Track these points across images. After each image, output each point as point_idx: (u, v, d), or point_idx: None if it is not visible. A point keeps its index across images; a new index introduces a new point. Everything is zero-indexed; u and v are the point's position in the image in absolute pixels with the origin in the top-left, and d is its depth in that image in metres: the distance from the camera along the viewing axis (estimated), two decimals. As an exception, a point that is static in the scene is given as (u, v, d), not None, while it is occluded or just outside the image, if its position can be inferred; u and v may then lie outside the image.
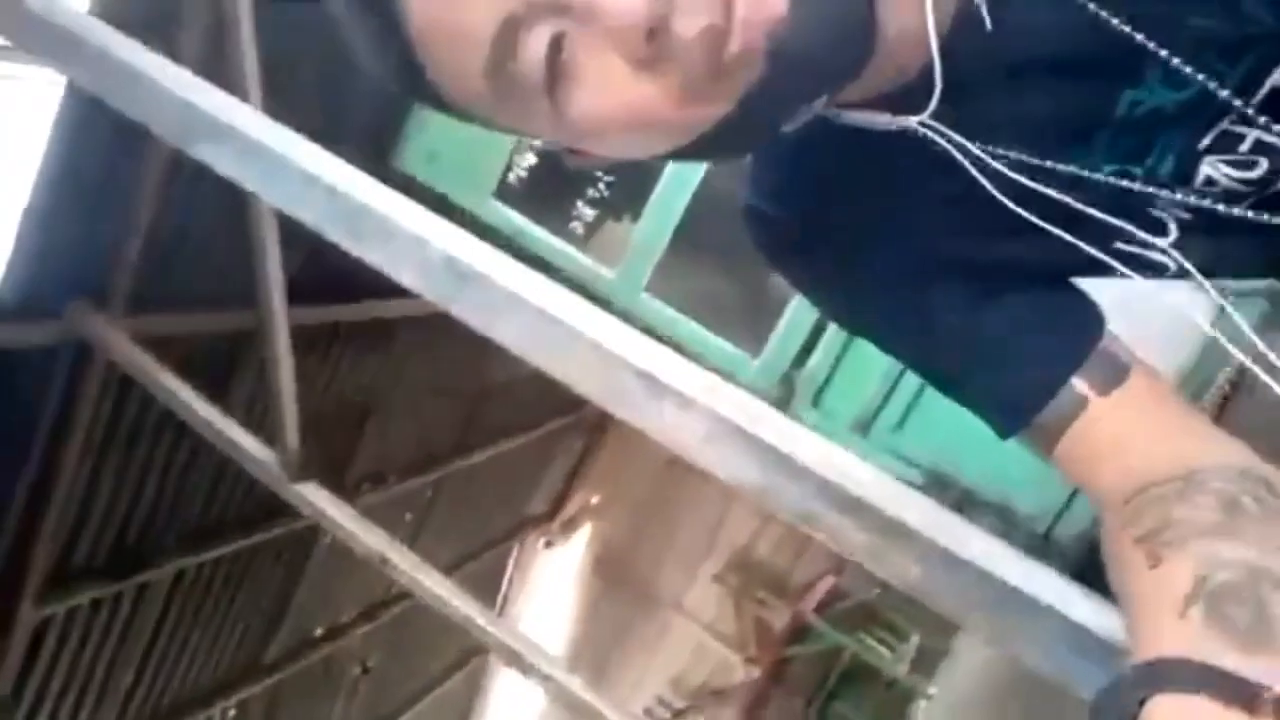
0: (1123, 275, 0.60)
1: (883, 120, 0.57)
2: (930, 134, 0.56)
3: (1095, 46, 0.53)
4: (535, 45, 0.48)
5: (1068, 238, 0.58)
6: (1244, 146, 0.56)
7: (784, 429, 1.17)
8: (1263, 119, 0.54)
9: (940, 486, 2.16)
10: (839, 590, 6.66)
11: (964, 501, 2.20)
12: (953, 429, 2.05)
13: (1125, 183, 0.57)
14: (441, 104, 0.54)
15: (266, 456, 2.39)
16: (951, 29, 0.54)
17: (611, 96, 0.49)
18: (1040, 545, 2.11)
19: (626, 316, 2.43)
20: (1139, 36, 0.52)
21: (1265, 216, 0.57)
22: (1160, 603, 0.47)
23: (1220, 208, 0.58)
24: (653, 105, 0.50)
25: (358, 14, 0.51)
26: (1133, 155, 0.57)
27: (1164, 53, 0.53)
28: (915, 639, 6.44)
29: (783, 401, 2.16)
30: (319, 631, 5.10)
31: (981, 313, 0.63)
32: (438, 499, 5.46)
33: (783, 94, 0.50)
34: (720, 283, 2.23)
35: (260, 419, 3.40)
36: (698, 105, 0.50)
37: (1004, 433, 0.64)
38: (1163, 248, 0.60)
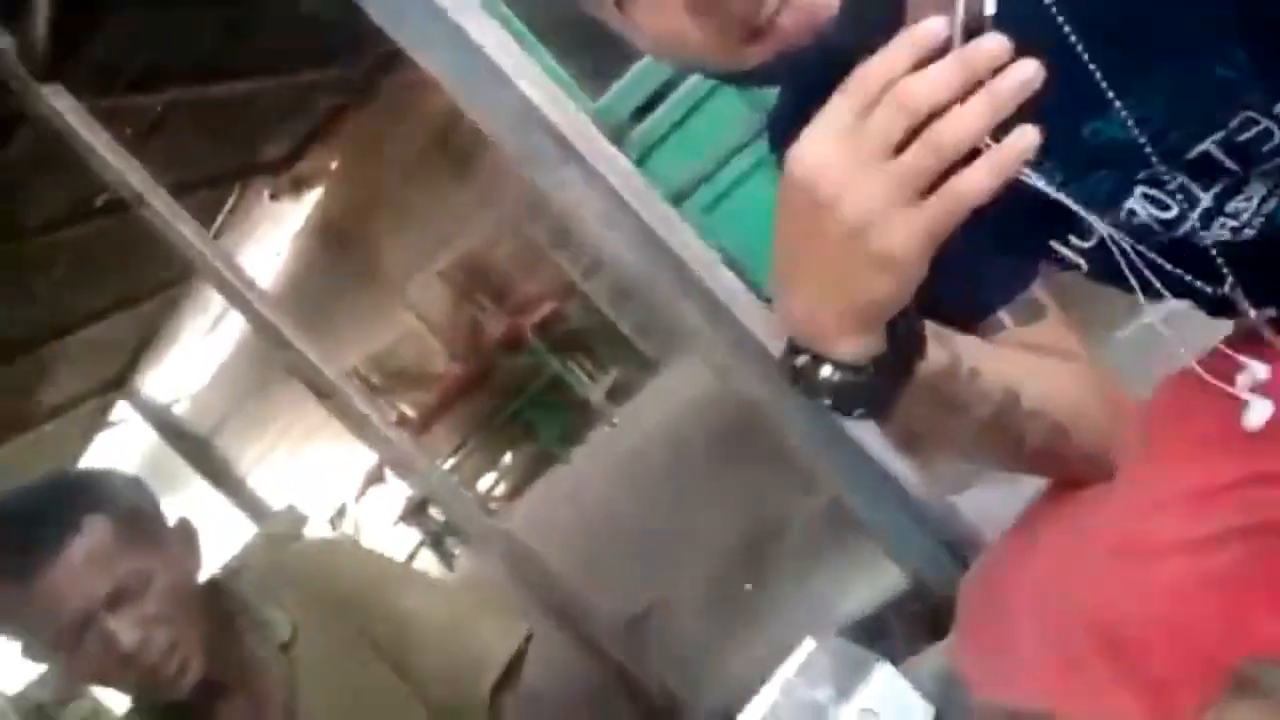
0: (1049, 262, 0.76)
1: None
2: None
3: (1075, 77, 0.63)
4: None
5: (1055, 196, 0.67)
6: (1171, 186, 0.67)
7: (675, 224, 1.19)
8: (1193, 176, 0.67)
9: (729, 266, 2.29)
10: (558, 314, 6.95)
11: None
12: (756, 228, 2.14)
13: (1060, 195, 0.68)
14: None
15: (3, 43, 2.02)
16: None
17: (663, 24, 0.60)
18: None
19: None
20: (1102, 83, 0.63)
21: (1168, 264, 0.70)
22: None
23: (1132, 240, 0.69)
24: (695, 42, 0.60)
25: None
26: (1079, 170, 0.68)
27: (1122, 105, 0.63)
28: (614, 373, 6.95)
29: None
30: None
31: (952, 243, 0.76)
32: (167, 120, 4.89)
33: (814, 61, 0.59)
34: (581, 19, 2.09)
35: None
36: (735, 53, 0.60)
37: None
38: (1081, 249, 0.73)
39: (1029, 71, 0.51)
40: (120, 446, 8.29)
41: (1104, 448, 0.75)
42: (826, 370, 0.62)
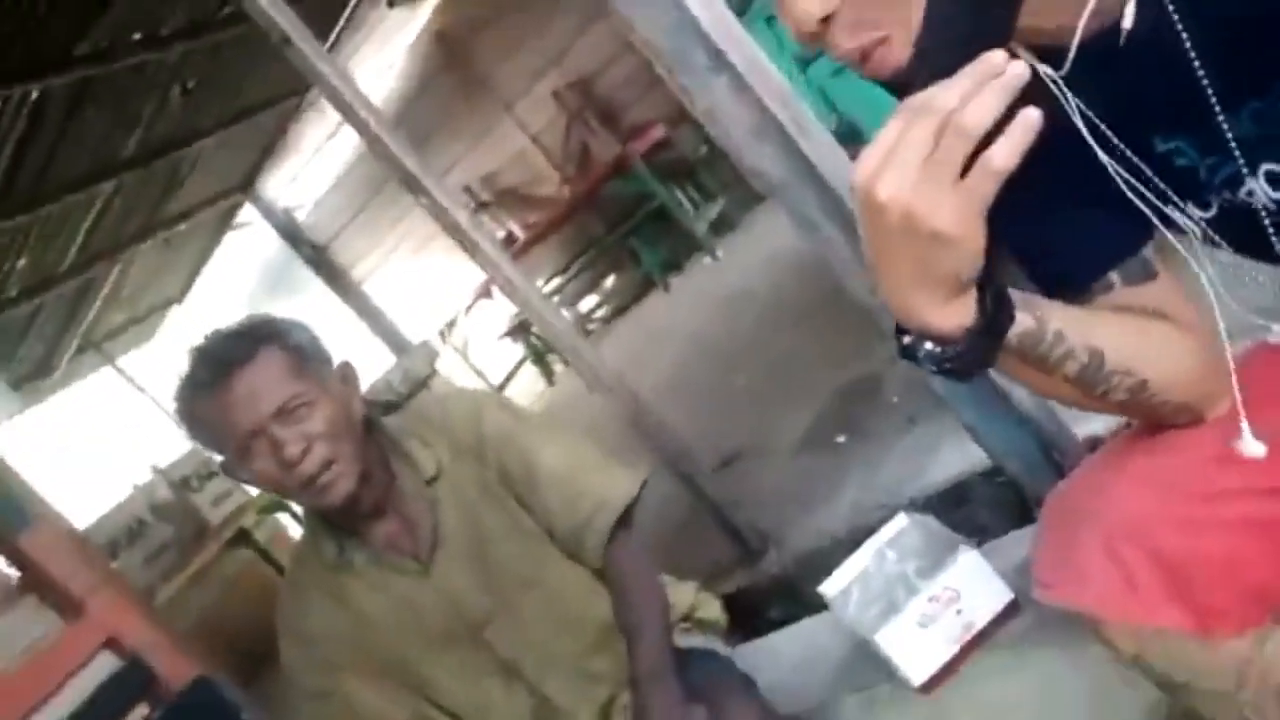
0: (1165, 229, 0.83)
1: (1027, 56, 0.76)
2: (1054, 88, 0.76)
3: (1211, 72, 0.70)
4: None
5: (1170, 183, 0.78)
6: None
7: (820, 139, 1.23)
8: None
9: (850, 136, 2.27)
10: (667, 141, 6.88)
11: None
12: (875, 100, 2.13)
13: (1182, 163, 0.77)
14: None
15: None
16: (1088, 33, 0.73)
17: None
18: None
19: None
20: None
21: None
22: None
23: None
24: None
25: None
26: (1208, 149, 0.75)
27: None
28: (720, 204, 6.93)
29: (736, 11, 2.07)
30: (138, 36, 4.72)
31: (1060, 210, 0.84)
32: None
33: (908, 85, 0.70)
34: None
35: None
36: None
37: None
38: (1197, 219, 0.80)
39: (1021, 69, 0.63)
40: (246, 247, 8.73)
41: (1193, 401, 0.84)
42: (928, 345, 0.73)
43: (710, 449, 3.37)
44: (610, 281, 7.75)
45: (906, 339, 0.74)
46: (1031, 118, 0.62)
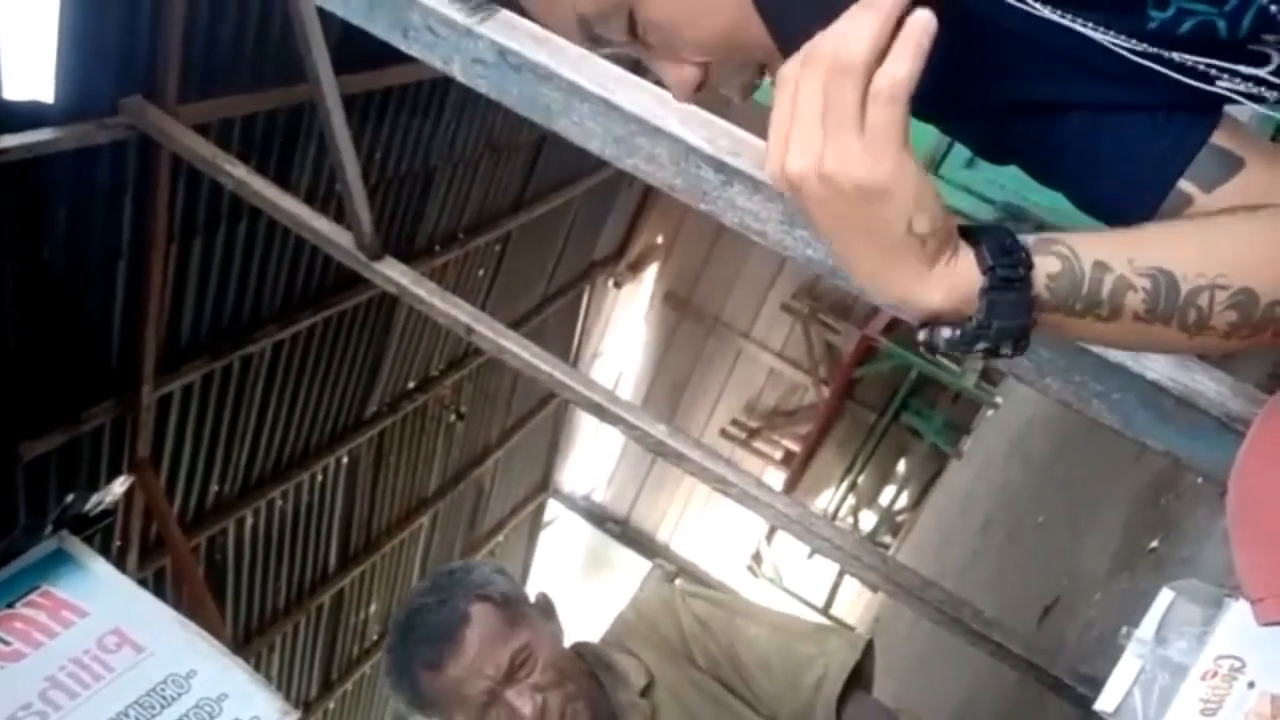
0: (1228, 101, 0.65)
1: None
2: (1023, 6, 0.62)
3: None
4: None
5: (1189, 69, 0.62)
6: None
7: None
8: None
9: (1015, 220, 2.11)
10: (907, 310, 6.73)
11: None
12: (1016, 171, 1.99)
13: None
14: None
15: (342, 239, 2.45)
16: None
17: None
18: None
19: None
20: None
21: None
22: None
23: None
24: None
25: None
26: (1215, 2, 0.61)
27: None
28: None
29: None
30: (412, 384, 5.43)
31: (1098, 134, 0.69)
32: (507, 252, 5.56)
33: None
34: None
35: (329, 190, 3.44)
36: None
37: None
38: (1261, 76, 0.63)
39: None
40: (560, 540, 9.27)
41: None
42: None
43: (1031, 602, 3.01)
44: (902, 466, 7.41)
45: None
46: (920, 21, 0.53)
